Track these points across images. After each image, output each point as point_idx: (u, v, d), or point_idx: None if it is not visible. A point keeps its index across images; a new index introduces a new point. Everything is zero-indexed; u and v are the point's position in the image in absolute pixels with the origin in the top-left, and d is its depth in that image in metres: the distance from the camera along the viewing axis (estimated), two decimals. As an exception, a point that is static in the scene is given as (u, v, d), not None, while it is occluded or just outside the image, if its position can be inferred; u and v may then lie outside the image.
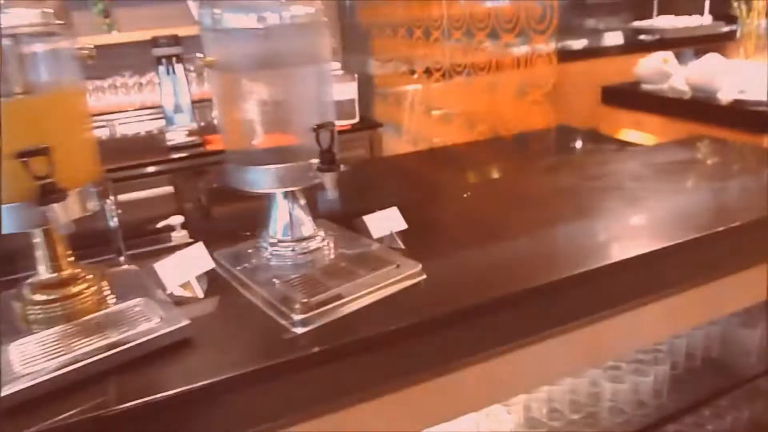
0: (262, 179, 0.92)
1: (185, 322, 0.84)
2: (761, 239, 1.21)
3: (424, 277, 0.97)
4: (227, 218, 1.85)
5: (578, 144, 2.20)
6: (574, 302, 1.02)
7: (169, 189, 2.30)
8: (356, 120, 2.57)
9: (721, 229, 1.14)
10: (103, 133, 3.44)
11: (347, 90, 2.50)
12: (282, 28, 0.87)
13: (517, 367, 1.01)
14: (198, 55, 0.87)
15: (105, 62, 3.85)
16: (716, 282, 1.18)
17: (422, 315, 0.88)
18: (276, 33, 0.88)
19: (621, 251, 1.09)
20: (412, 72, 3.23)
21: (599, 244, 1.14)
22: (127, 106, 3.63)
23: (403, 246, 1.08)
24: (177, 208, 2.18)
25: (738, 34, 2.56)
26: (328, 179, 0.87)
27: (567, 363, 1.09)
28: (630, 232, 1.19)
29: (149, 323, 0.84)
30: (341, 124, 2.57)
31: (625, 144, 2.22)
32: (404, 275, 0.95)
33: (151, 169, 2.44)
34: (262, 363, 0.78)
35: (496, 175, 1.87)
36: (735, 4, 2.57)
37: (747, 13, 2.55)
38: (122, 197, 2.40)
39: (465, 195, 1.38)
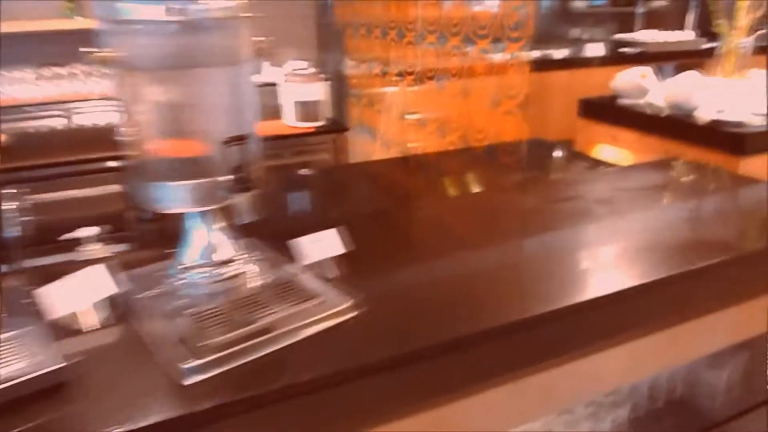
0: (166, 196, 0.79)
1: (60, 364, 0.71)
2: (734, 278, 1.12)
3: (355, 313, 0.85)
4: (173, 223, 1.71)
5: (549, 160, 2.10)
6: (526, 347, 0.91)
7: (116, 187, 2.15)
8: (321, 123, 2.44)
9: (694, 267, 1.04)
10: (58, 123, 3.27)
11: (313, 91, 2.37)
12: (194, 22, 0.75)
13: (461, 418, 0.89)
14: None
15: (66, 48, 3.66)
16: (686, 323, 1.08)
17: (344, 362, 0.76)
18: (186, 28, 0.75)
19: (583, 290, 0.98)
20: (385, 74, 3.11)
21: (559, 281, 1.01)
22: (87, 95, 3.45)
23: (338, 273, 0.96)
24: (120, 208, 2.03)
25: (718, 51, 2.48)
26: (238, 201, 0.74)
27: (518, 413, 0.98)
28: (595, 266, 1.08)
29: (17, 364, 0.71)
30: (305, 126, 2.43)
31: (598, 162, 2.12)
32: (331, 312, 0.83)
33: (102, 164, 2.29)
34: (141, 421, 0.66)
35: (459, 190, 1.76)
36: (719, 21, 2.49)
37: (730, 30, 2.47)
38: (64, 194, 2.24)
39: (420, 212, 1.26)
